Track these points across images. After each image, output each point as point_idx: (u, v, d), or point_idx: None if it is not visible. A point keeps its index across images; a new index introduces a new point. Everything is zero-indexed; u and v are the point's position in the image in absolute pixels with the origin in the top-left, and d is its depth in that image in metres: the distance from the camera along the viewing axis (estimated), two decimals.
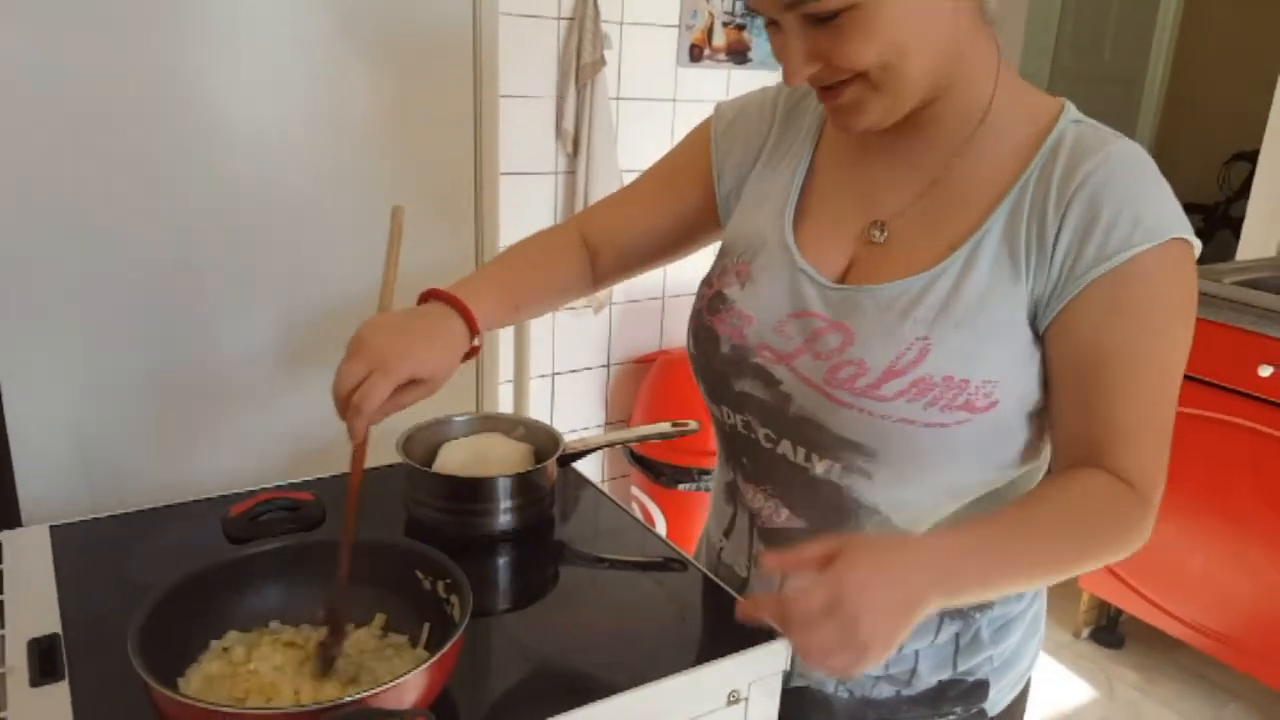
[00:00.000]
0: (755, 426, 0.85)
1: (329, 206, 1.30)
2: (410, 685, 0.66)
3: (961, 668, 0.86)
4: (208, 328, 1.25)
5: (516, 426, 1.09)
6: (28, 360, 1.15)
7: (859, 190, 0.83)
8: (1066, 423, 0.77)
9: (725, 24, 2.35)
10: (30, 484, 1.18)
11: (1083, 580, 2.35)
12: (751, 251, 0.86)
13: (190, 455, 1.27)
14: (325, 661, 0.75)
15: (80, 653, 0.77)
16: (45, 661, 0.75)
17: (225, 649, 0.77)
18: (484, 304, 0.85)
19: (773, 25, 0.73)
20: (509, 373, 1.79)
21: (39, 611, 0.82)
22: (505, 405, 1.89)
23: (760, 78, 2.43)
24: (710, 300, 0.88)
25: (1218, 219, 3.71)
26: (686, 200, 0.94)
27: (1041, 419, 0.79)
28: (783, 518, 0.87)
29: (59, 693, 0.72)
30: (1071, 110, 0.79)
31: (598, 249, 0.97)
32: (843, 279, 0.81)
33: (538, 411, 2.36)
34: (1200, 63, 3.91)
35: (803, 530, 0.85)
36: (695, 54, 2.32)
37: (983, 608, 0.86)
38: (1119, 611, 2.38)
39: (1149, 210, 0.72)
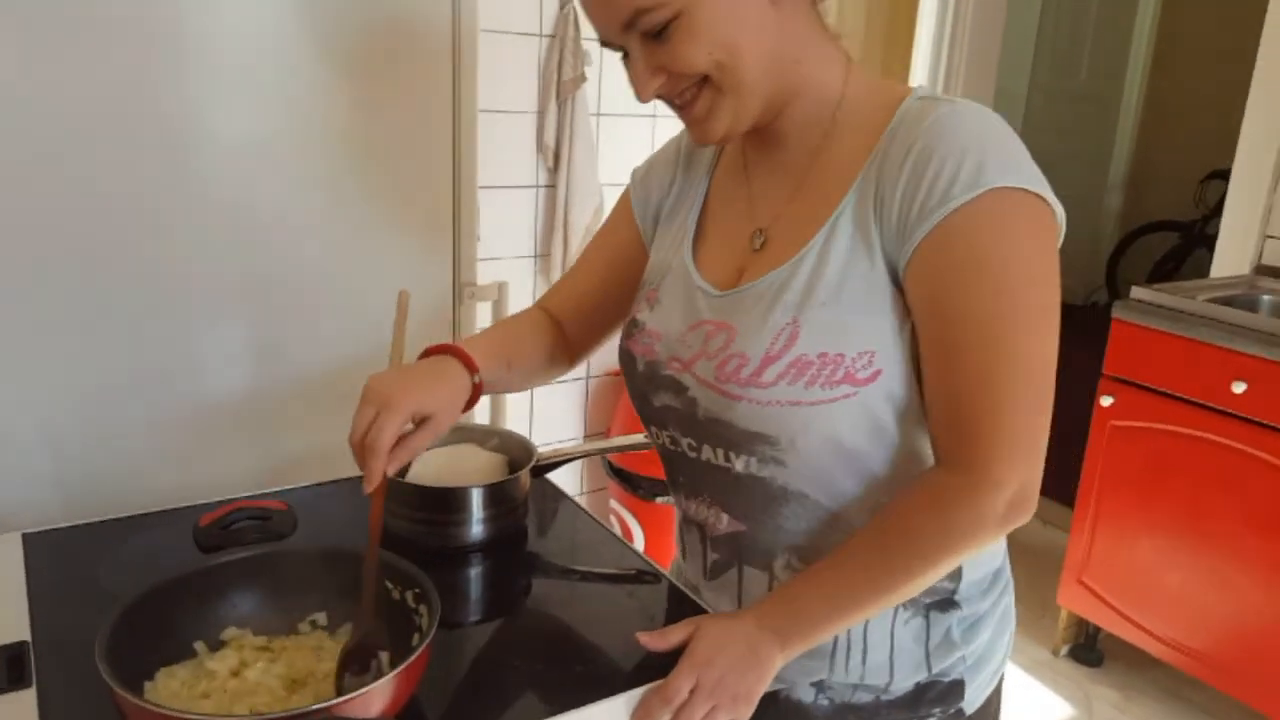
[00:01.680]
0: (679, 438, 0.89)
1: (307, 219, 1.31)
2: (376, 694, 0.66)
3: (936, 669, 0.88)
4: (182, 337, 1.25)
5: (491, 437, 1.10)
6: (0, 369, 1.15)
7: (743, 206, 0.89)
8: (930, 399, 0.78)
9: None
10: (2, 492, 1.17)
11: (1061, 598, 2.34)
12: (659, 278, 0.92)
13: (163, 465, 1.27)
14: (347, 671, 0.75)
15: (49, 660, 0.77)
16: (13, 669, 0.75)
17: (193, 657, 0.77)
18: (478, 353, 0.89)
19: (625, 57, 0.80)
20: None
21: (9, 619, 0.82)
22: (483, 418, 1.89)
23: None
24: (627, 327, 0.94)
25: (1195, 237, 3.74)
26: (620, 255, 1.01)
27: None
28: (724, 524, 0.89)
29: (26, 700, 0.72)
30: (921, 90, 0.81)
31: (560, 318, 1.04)
32: (733, 287, 0.85)
33: (516, 425, 2.35)
34: (1176, 81, 3.95)
35: (745, 534, 0.88)
36: None
37: (945, 606, 0.87)
38: (1098, 629, 2.37)
39: (970, 164, 0.72)
